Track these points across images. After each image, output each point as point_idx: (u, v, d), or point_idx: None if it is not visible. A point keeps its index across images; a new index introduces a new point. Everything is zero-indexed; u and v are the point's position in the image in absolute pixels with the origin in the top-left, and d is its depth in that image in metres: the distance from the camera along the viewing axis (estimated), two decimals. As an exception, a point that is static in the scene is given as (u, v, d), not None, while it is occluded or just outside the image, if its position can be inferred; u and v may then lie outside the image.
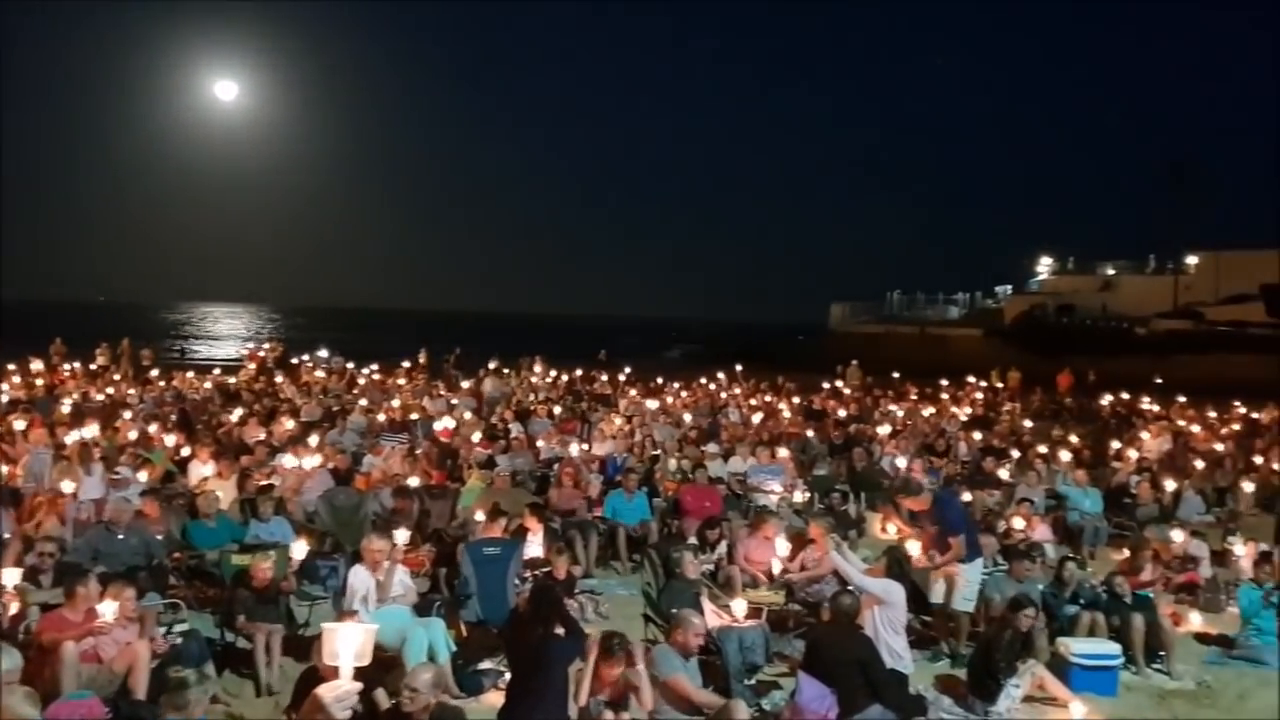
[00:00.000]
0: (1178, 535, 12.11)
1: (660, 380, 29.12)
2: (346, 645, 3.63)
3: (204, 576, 9.97)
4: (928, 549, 9.31)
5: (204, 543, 10.25)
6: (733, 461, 15.53)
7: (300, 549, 9.16)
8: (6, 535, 9.37)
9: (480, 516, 10.60)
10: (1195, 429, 22.47)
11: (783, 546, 10.25)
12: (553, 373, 28.47)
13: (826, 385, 29.42)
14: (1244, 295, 60.78)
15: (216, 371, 27.55)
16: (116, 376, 25.05)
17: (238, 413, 18.37)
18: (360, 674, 3.66)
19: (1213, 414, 25.89)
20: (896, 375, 31.41)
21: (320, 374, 27.08)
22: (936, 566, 9.21)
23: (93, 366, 26.70)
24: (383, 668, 7.77)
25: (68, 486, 11.11)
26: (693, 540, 10.89)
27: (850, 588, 8.30)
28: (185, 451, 14.42)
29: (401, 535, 8.99)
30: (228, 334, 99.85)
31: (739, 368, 31.53)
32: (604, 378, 28.91)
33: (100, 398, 20.48)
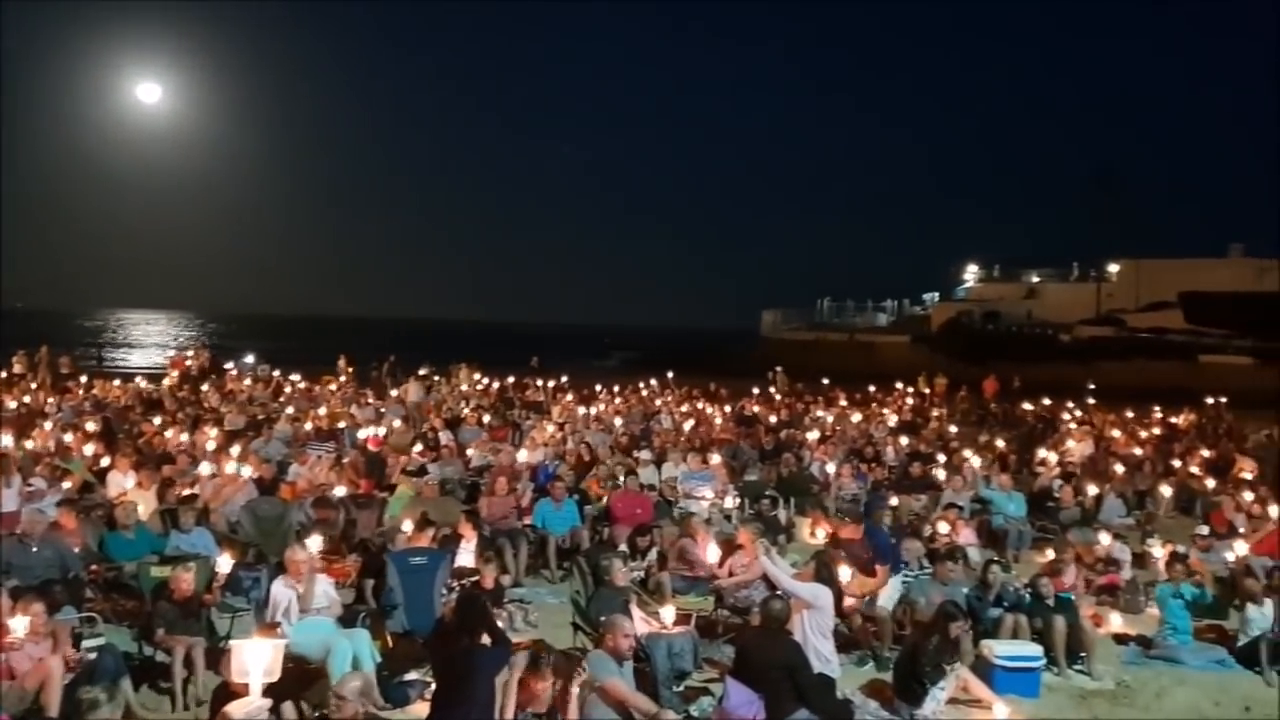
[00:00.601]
0: (1105, 538, 12.36)
1: (595, 388, 29.01)
2: (255, 661, 3.56)
3: (122, 589, 9.72)
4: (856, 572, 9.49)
5: (122, 554, 10.00)
6: (664, 468, 15.54)
7: (225, 562, 8.95)
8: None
9: (407, 526, 10.46)
10: (1116, 434, 22.95)
11: (713, 552, 10.27)
12: (480, 379, 28.20)
13: (757, 391, 29.62)
14: (1164, 303, 62.42)
15: (138, 379, 26.87)
16: (34, 385, 24.37)
17: (159, 421, 17.96)
18: (275, 687, 3.59)
19: (1133, 419, 26.52)
20: (826, 381, 31.71)
21: (246, 382, 26.60)
22: (863, 596, 9.43)
23: (3, 375, 25.91)
24: (304, 680, 7.67)
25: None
26: (623, 548, 10.87)
27: (779, 593, 8.34)
28: (105, 461, 14.06)
29: (314, 543, 8.81)
30: (151, 341, 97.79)
31: (670, 374, 31.63)
32: (540, 383, 28.84)
33: (14, 405, 19.91)
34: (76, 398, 21.70)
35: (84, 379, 25.25)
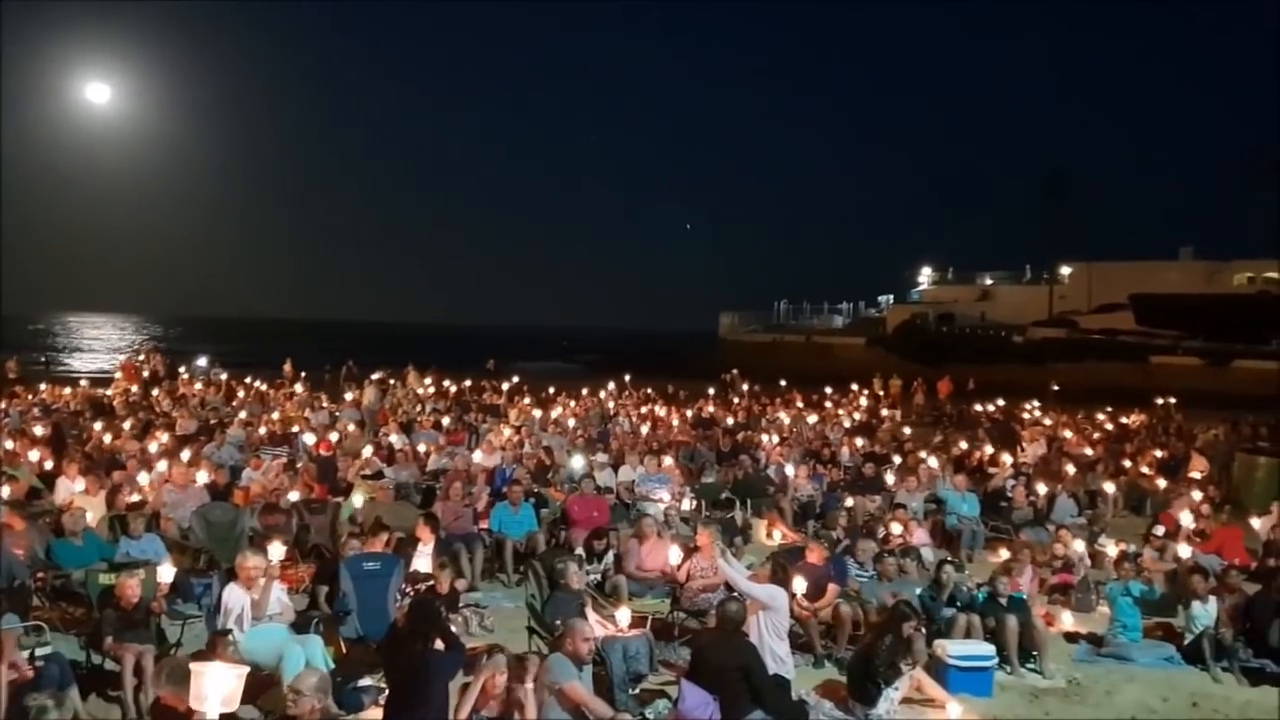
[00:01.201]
0: (1079, 545, 12.43)
1: (550, 391, 28.92)
2: (215, 689, 3.49)
3: (70, 597, 9.57)
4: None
5: (70, 562, 9.83)
6: (621, 470, 15.54)
7: (167, 571, 8.78)
8: None
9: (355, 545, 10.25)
10: (1068, 434, 23.23)
11: (675, 554, 10.24)
12: (429, 383, 27.92)
13: (713, 392, 29.69)
14: (1115, 304, 63.39)
15: (84, 384, 26.41)
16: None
17: (99, 425, 17.70)
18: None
19: (1084, 419, 26.88)
20: (784, 383, 31.86)
21: (198, 386, 26.25)
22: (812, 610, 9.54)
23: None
24: (256, 687, 7.59)
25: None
26: (579, 551, 10.85)
27: (736, 595, 8.36)
28: (50, 466, 13.83)
29: (276, 550, 8.73)
30: (102, 345, 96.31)
31: (627, 377, 31.62)
32: (504, 385, 28.72)
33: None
34: (25, 403, 21.30)
35: (44, 385, 24.73)
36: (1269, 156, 67.33)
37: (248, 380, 27.74)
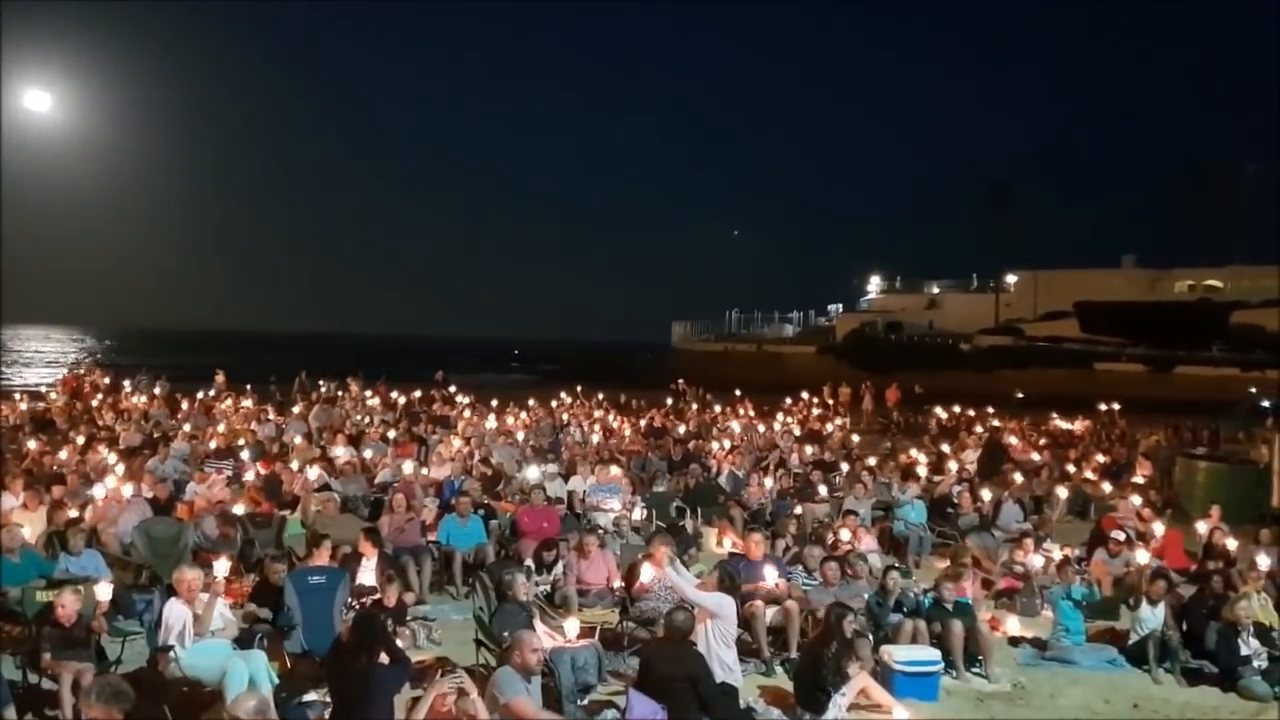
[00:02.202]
0: (1054, 552, 12.53)
1: (494, 402, 28.78)
2: None
3: (6, 615, 9.35)
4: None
5: (7, 579, 9.60)
6: (572, 480, 15.50)
7: (105, 590, 8.56)
8: None
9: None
10: (1014, 440, 23.51)
11: (647, 572, 10.04)
12: (369, 394, 27.65)
13: (670, 401, 29.77)
14: (1060, 312, 64.39)
15: (19, 398, 25.85)
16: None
17: (35, 442, 17.38)
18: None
19: (1029, 425, 27.23)
20: (739, 392, 32.02)
21: (141, 399, 25.82)
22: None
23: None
24: (200, 704, 7.49)
25: None
26: (529, 562, 10.80)
27: (684, 604, 8.36)
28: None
29: (221, 566, 8.61)
30: (45, 359, 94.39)
31: (579, 387, 31.59)
32: (449, 395, 28.56)
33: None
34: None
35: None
36: (1209, 167, 68.88)
37: (197, 394, 27.30)
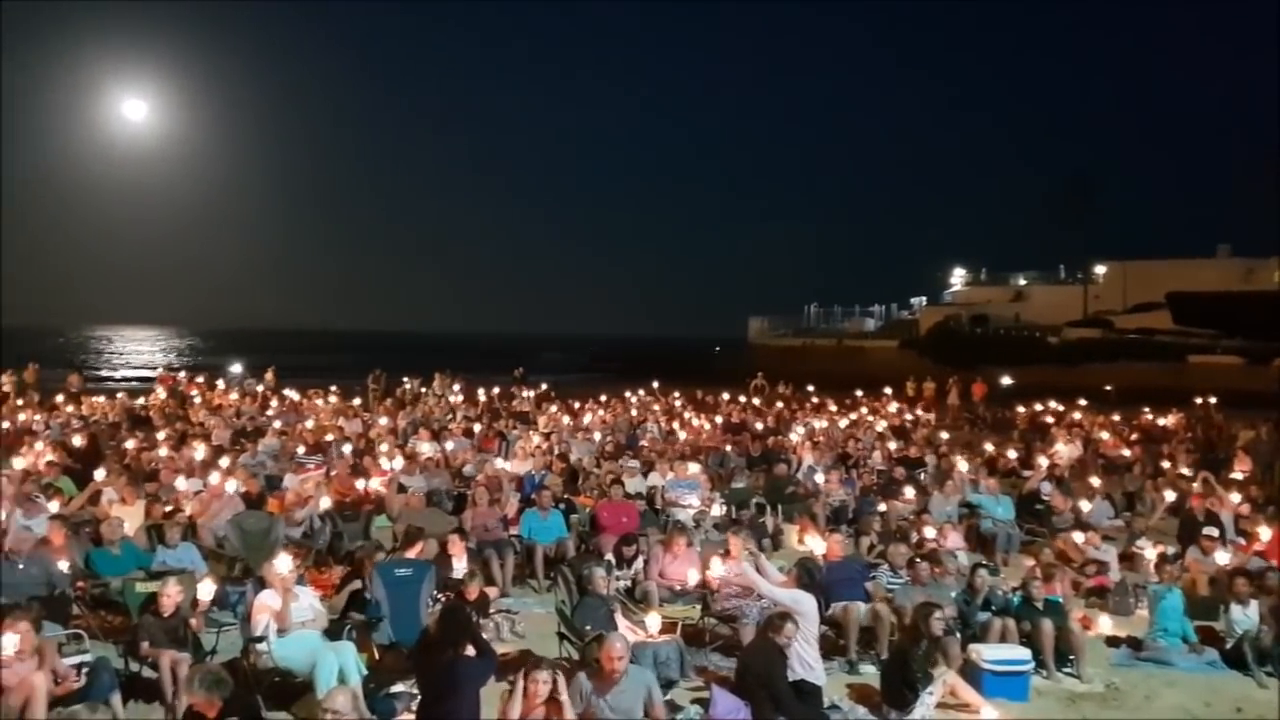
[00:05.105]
0: (1078, 536, 12.37)
1: (565, 399, 28.99)
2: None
3: (109, 606, 9.67)
4: None
5: (108, 571, 9.94)
6: (651, 476, 15.51)
7: (207, 589, 8.74)
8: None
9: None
10: (1104, 435, 22.97)
11: (716, 566, 10.01)
12: (458, 389, 28.00)
13: (743, 399, 29.66)
14: (1151, 304, 62.63)
15: (120, 395, 26.70)
16: (20, 402, 24.21)
17: (131, 442, 17.89)
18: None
19: (1121, 420, 26.60)
20: (811, 388, 31.76)
21: (233, 396, 26.50)
22: None
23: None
24: (290, 693, 7.64)
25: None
26: (608, 557, 10.83)
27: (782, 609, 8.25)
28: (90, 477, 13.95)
29: (284, 562, 8.64)
30: (141, 360, 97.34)
31: (655, 384, 31.64)
32: (525, 393, 28.82)
33: (6, 425, 19.84)
34: (64, 415, 21.56)
35: (68, 397, 24.97)
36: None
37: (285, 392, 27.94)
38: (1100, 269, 68.85)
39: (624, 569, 10.58)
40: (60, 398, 24.28)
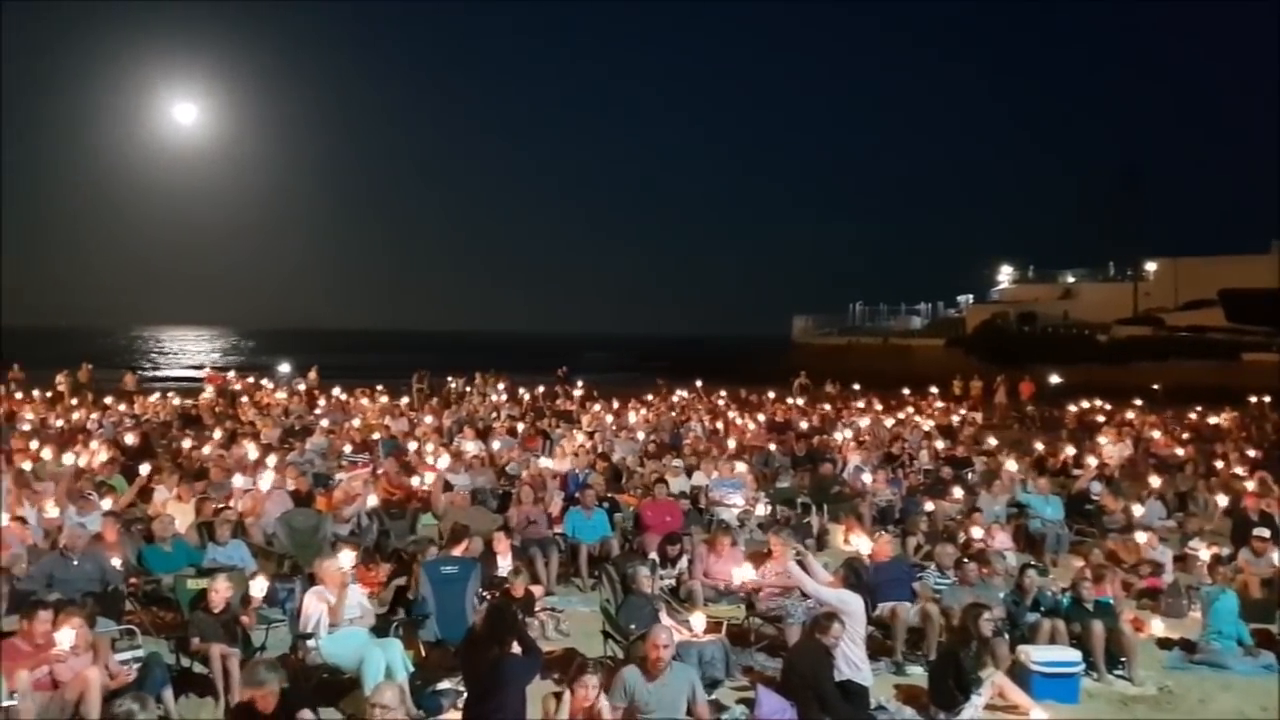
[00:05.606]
0: (1141, 536, 12.19)
1: (610, 399, 29.04)
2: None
3: (160, 602, 9.81)
4: None
5: (160, 567, 10.08)
6: (695, 475, 15.49)
7: (259, 586, 8.86)
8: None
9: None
10: (1156, 434, 22.64)
11: (746, 572, 9.94)
12: (503, 388, 28.16)
13: (789, 400, 29.55)
14: (1203, 301, 61.59)
15: (171, 395, 27.13)
16: (74, 401, 24.69)
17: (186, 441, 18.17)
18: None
19: (1172, 419, 26.19)
20: (857, 386, 31.56)
21: (281, 395, 26.83)
22: None
23: (50, 393, 26.24)
24: (338, 690, 7.71)
25: (29, 514, 10.92)
26: (653, 556, 10.83)
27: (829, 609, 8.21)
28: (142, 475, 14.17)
29: (346, 558, 8.82)
30: (190, 360, 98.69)
31: (699, 383, 31.59)
32: (575, 392, 28.94)
33: (59, 423, 20.30)
34: (116, 413, 21.94)
35: (125, 396, 25.50)
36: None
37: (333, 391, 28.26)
38: (1151, 266, 67.83)
39: (668, 568, 10.57)
40: (110, 399, 24.72)
